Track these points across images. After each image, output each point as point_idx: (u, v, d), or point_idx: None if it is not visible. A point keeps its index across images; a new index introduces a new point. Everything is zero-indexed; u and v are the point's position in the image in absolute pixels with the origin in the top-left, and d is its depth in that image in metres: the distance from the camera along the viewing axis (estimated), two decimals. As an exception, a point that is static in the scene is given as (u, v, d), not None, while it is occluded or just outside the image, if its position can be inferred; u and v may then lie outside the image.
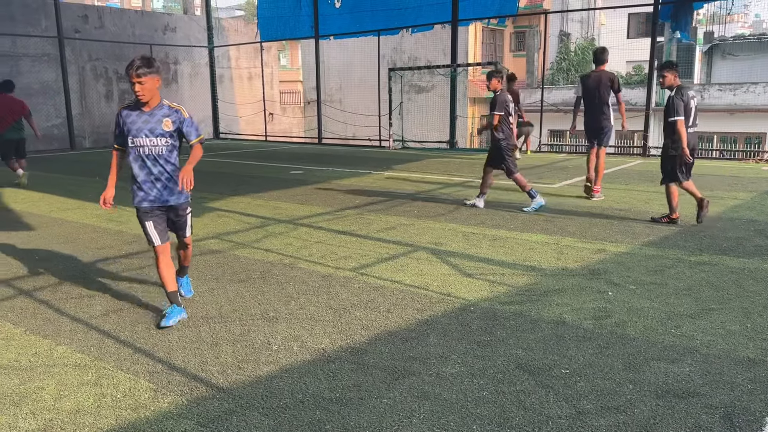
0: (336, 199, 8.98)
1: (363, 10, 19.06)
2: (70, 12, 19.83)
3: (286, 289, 4.81)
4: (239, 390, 3.16)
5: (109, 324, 4.11)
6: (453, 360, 3.47)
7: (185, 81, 23.59)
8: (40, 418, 2.89)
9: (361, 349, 3.65)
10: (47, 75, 19.01)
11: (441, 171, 12.29)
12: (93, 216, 7.94)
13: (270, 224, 7.30)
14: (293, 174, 12.31)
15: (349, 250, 6.00)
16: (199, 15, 25.12)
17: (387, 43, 21.00)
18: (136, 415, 2.91)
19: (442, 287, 4.80)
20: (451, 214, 7.76)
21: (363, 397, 3.05)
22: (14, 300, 4.63)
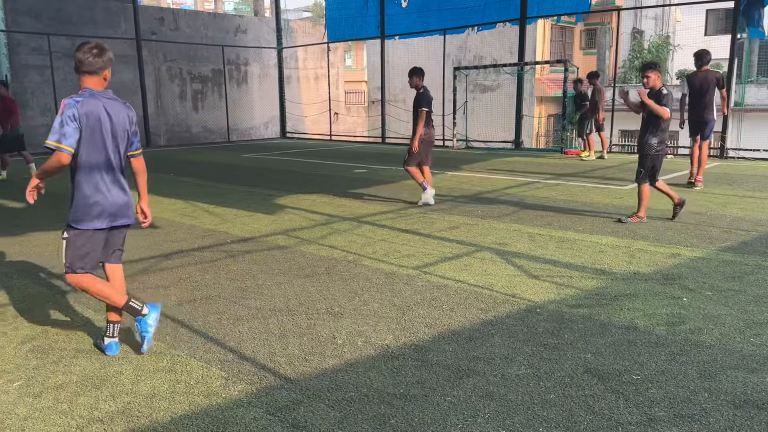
0: (399, 198, 9.01)
1: (429, 10, 19.02)
2: (147, 15, 20.75)
3: (350, 285, 4.87)
4: (306, 381, 3.22)
5: (183, 314, 4.28)
6: (518, 361, 3.43)
7: (255, 81, 24.23)
8: (119, 401, 3.05)
9: (425, 346, 3.65)
10: (125, 75, 19.93)
11: (506, 171, 12.14)
12: (168, 210, 8.28)
13: (334, 222, 7.41)
14: (357, 173, 12.44)
15: (413, 249, 6.01)
16: (269, 17, 25.73)
17: (452, 42, 20.90)
18: (208, 402, 3.02)
19: (507, 288, 4.74)
20: (516, 214, 7.65)
21: (427, 394, 3.06)
22: (96, 288, 4.89)
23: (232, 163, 15.04)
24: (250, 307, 4.41)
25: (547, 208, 8.06)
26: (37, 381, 3.27)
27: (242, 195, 9.63)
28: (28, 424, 2.84)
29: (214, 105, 22.88)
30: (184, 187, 10.58)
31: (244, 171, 13.24)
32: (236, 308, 4.38)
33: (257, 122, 24.52)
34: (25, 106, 18.11)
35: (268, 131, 24.78)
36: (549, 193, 9.25)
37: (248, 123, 24.19)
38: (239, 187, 10.61)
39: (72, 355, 3.60)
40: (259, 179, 11.62)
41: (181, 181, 11.47)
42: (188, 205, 8.67)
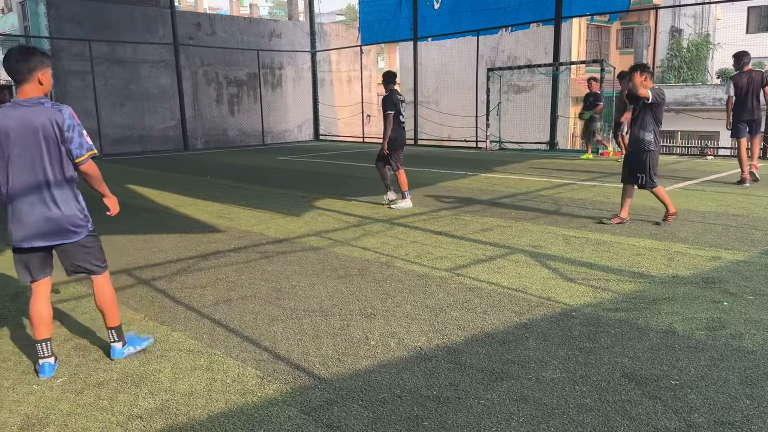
0: (432, 200, 9.00)
1: (462, 11, 18.96)
2: (184, 20, 21.17)
3: (383, 287, 4.89)
4: (339, 381, 3.25)
5: (219, 313, 4.35)
6: (553, 365, 3.39)
7: (289, 85, 24.49)
8: (157, 399, 3.12)
9: (458, 349, 3.64)
10: (164, 80, 20.38)
11: (540, 173, 12.00)
12: (205, 212, 8.43)
13: (367, 223, 7.44)
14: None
15: (445, 251, 5.99)
16: (303, 21, 25.98)
17: (485, 43, 20.76)
18: (244, 401, 3.07)
19: (541, 291, 4.69)
20: (551, 216, 7.56)
21: (460, 397, 3.05)
22: (135, 288, 5.01)
23: (267, 165, 15.23)
24: (285, 307, 4.46)
25: (583, 209, 7.94)
26: (79, 378, 3.37)
27: (277, 197, 9.74)
28: (70, 419, 2.93)
29: (250, 108, 23.20)
30: (221, 189, 10.75)
31: (279, 173, 13.40)
32: (271, 308, 4.44)
33: (291, 125, 24.76)
34: (67, 111, 18.64)
35: (301, 134, 25.01)
36: (585, 195, 9.12)
37: (282, 126, 24.46)
38: (274, 189, 10.73)
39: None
40: (293, 181, 11.74)
41: (217, 184, 11.66)
42: (224, 207, 8.81)
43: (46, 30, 18.21)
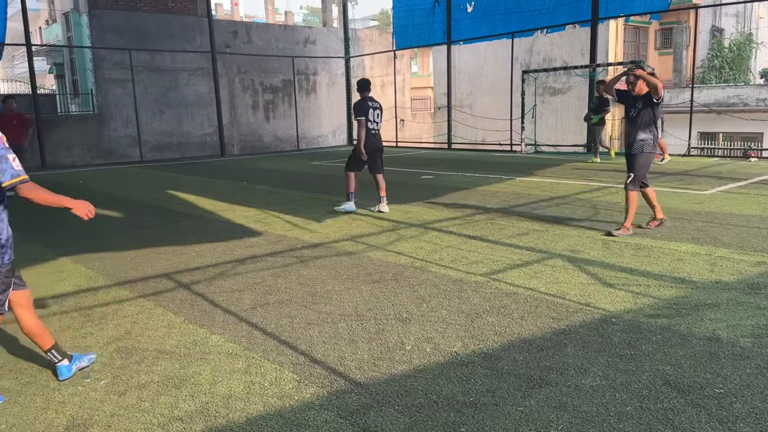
0: (466, 204, 8.95)
1: (496, 14, 18.86)
2: (221, 28, 21.56)
3: (417, 292, 4.88)
4: (376, 386, 3.25)
5: (257, 317, 4.41)
6: (593, 372, 3.33)
7: (323, 91, 24.70)
8: (197, 401, 3.17)
9: (495, 355, 3.61)
10: (201, 87, 20.77)
11: (577, 176, 11.83)
12: (242, 217, 8.55)
13: (401, 228, 7.44)
14: (423, 179, 12.45)
15: (480, 255, 5.95)
16: (337, 27, 26.18)
17: (520, 45, 20.59)
18: (282, 404, 3.10)
19: (580, 296, 4.62)
20: (589, 220, 7.45)
21: (498, 404, 3.02)
22: (175, 292, 5.11)
23: (301, 170, 15.38)
24: (320, 311, 4.49)
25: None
26: (122, 380, 3.45)
27: (311, 201, 9.82)
28: (114, 420, 3.00)
29: (284, 114, 23.46)
30: (257, 195, 10.89)
31: (313, 178, 13.51)
32: (307, 312, 4.47)
33: (325, 130, 24.95)
34: (108, 119, 19.20)
35: (335, 139, 25.18)
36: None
37: (316, 131, 24.66)
38: (308, 194, 10.82)
39: (154, 355, 3.77)
40: (328, 186, 11.81)
41: (253, 189, 11.82)
42: (261, 212, 8.92)
43: (89, 40, 18.75)
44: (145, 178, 14.62)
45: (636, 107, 6.54)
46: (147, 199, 10.86)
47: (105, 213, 9.31)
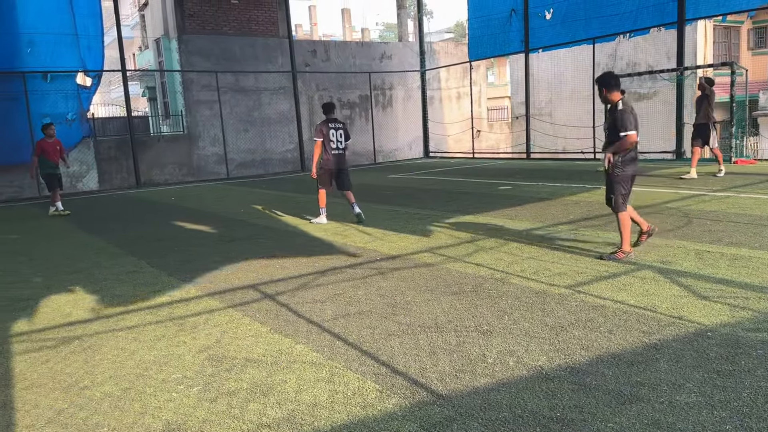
0: (547, 215, 8.74)
1: (576, 20, 18.43)
2: (301, 48, 22.24)
3: (498, 304, 4.80)
4: (458, 399, 3.22)
5: (339, 327, 4.48)
6: (688, 389, 3.16)
7: (399, 104, 24.92)
8: (284, 408, 3.25)
9: (582, 369, 3.50)
10: (283, 106, 21.47)
11: (666, 184, 11.31)
12: (322, 230, 8.74)
13: (480, 239, 7.36)
14: (502, 190, 12.28)
15: (564, 267, 5.79)
16: (412, 41, 26.39)
17: (602, 51, 20.01)
18: (365, 413, 3.13)
19: (672, 309, 4.40)
20: (680, 230, 7.09)
21: (586, 420, 2.92)
22: (261, 302, 5.28)
23: (378, 183, 15.54)
24: (400, 322, 4.51)
25: (716, 222, 7.38)
26: (213, 387, 3.59)
27: (389, 214, 9.90)
28: (206, 426, 3.12)
29: (361, 129, 23.83)
30: (336, 208, 11.09)
31: (390, 191, 13.62)
32: (387, 323, 4.50)
33: (401, 143, 25.13)
34: (197, 138, 20.17)
35: (411, 152, 25.30)
36: (717, 207, 8.47)
37: (393, 145, 24.88)
38: (386, 206, 10.92)
39: (242, 363, 3.91)
40: (404, 198, 11.88)
41: (332, 203, 12.04)
42: (340, 225, 9.08)
43: (178, 64, 19.83)
44: (231, 194, 15.23)
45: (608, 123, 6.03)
46: (233, 213, 11.30)
47: (196, 227, 9.76)
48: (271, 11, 21.28)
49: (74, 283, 6.40)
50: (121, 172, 18.95)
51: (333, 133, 9.31)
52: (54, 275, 6.82)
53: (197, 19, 19.93)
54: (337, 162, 9.42)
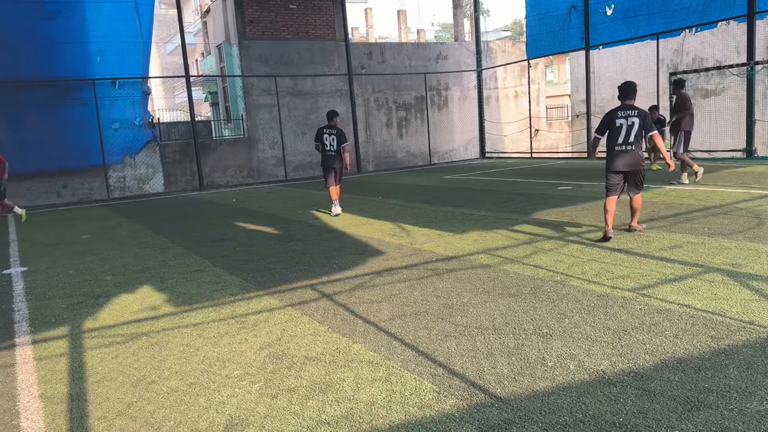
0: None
1: (638, 15, 17.88)
2: (357, 51, 22.44)
3: (558, 307, 4.72)
4: (517, 402, 3.19)
5: (395, 327, 4.50)
6: (759, 396, 3.02)
7: (454, 105, 24.80)
8: (342, 407, 3.30)
9: (646, 374, 3.39)
10: (339, 108, 21.72)
11: (736, 183, 10.82)
12: (378, 231, 8.80)
13: (538, 240, 7.24)
14: (561, 190, 12.03)
15: (627, 269, 5.63)
16: (468, 41, 26.21)
17: (666, 46, 19.32)
18: (422, 414, 3.14)
19: (742, 314, 4.21)
20: (752, 231, 6.78)
21: (650, 425, 2.84)
22: (319, 302, 5.37)
23: (434, 184, 15.50)
24: (457, 324, 4.49)
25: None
26: (274, 383, 3.68)
27: (445, 215, 9.87)
28: (267, 421, 3.20)
29: (417, 130, 23.85)
30: (392, 209, 11.15)
31: (446, 192, 13.56)
32: (443, 324, 4.49)
33: (457, 144, 25.00)
34: (257, 141, 20.66)
35: (467, 152, 25.12)
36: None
37: (448, 145, 24.77)
38: (441, 207, 10.89)
39: (302, 361, 3.98)
40: (460, 199, 11.81)
41: (388, 204, 12.11)
42: (395, 226, 9.12)
43: (239, 69, 20.36)
44: (290, 195, 15.53)
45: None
46: (292, 215, 11.52)
47: (257, 228, 10.01)
48: (328, 15, 21.58)
49: (142, 281, 6.67)
50: (185, 175, 19.62)
51: (326, 138, 10.85)
52: (123, 274, 7.13)
53: (257, 25, 20.41)
54: (328, 162, 10.97)
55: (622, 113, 6.99)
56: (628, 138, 6.92)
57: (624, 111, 7.00)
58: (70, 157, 17.61)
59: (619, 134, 6.96)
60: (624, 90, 7.14)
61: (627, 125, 6.92)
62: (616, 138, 6.98)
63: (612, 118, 7.03)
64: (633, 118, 6.92)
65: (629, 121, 6.91)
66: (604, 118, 7.13)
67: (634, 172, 7.05)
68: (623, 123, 6.94)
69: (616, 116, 7.01)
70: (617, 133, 6.97)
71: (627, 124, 6.92)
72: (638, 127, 6.91)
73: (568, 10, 20.15)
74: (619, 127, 6.95)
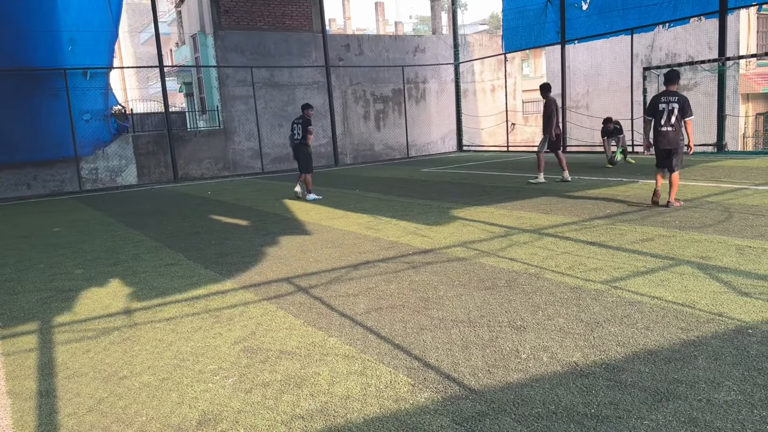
0: (583, 209, 8.61)
1: (613, 10, 18.08)
2: (335, 43, 22.31)
3: (532, 299, 4.76)
4: (490, 394, 3.21)
5: (371, 321, 4.50)
6: (727, 386, 3.09)
7: (432, 98, 24.82)
8: (317, 400, 3.29)
9: (617, 366, 3.44)
10: (316, 100, 21.59)
11: (707, 177, 11.02)
12: (355, 224, 8.79)
13: (514, 234, 7.30)
14: (536, 183, 12.12)
15: (600, 262, 5.70)
16: (446, 34, 26.23)
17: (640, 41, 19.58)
18: (397, 407, 3.14)
19: (711, 306, 4.29)
20: (721, 224, 6.91)
21: (621, 416, 2.88)
22: (294, 295, 5.34)
23: (412, 177, 15.52)
24: (433, 317, 4.51)
25: (758, 217, 7.17)
26: (248, 378, 3.65)
27: (422, 208, 9.89)
28: (241, 416, 3.18)
29: (395, 123, 23.83)
30: (369, 202, 11.13)
31: (423, 185, 13.59)
32: (419, 317, 4.51)
33: (434, 137, 25.05)
34: (232, 133, 20.46)
35: (445, 145, 25.20)
36: (761, 201, 8.22)
37: (426, 138, 24.81)
38: (419, 200, 10.91)
39: (276, 355, 3.96)
40: (438, 192, 11.84)
41: (366, 197, 12.09)
42: (373, 219, 9.11)
43: (214, 60, 20.11)
44: (267, 188, 15.41)
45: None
46: (269, 207, 11.44)
47: (231, 221, 9.92)
48: (304, 6, 21.40)
49: (114, 275, 6.57)
50: (159, 167, 19.35)
51: (294, 127, 12.03)
52: (94, 267, 7.02)
53: (232, 15, 20.16)
54: (294, 149, 12.23)
55: (664, 98, 8.17)
56: (669, 120, 8.11)
57: (666, 96, 8.17)
58: (41, 149, 17.25)
59: (661, 117, 8.17)
60: (668, 76, 8.32)
61: (668, 110, 8.11)
62: (659, 120, 8.19)
63: (656, 103, 8.24)
64: (673, 104, 8.10)
65: (670, 106, 8.10)
66: (651, 102, 8.36)
67: (673, 150, 8.17)
68: (665, 107, 8.14)
69: (659, 101, 8.20)
70: (660, 116, 8.18)
71: (668, 109, 8.11)
72: (678, 111, 8.08)
73: (544, 4, 20.27)
74: (662, 111, 8.15)
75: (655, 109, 8.23)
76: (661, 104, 8.15)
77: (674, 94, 8.12)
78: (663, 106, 8.13)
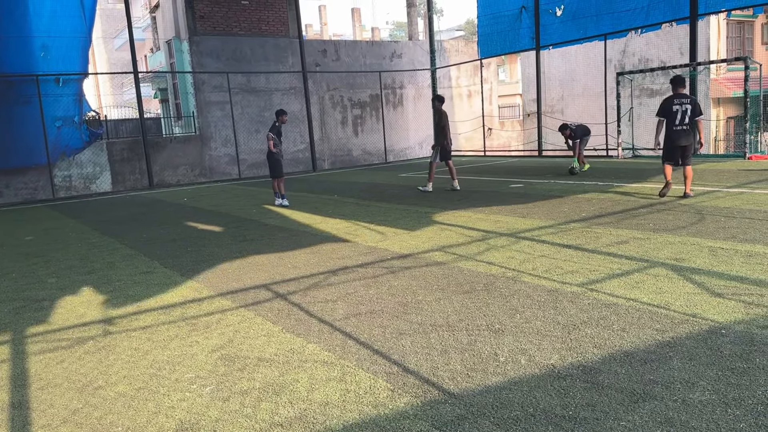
0: (560, 213, 8.70)
1: (586, 16, 18.34)
2: (311, 48, 22.29)
3: (510, 302, 4.79)
4: (469, 397, 3.22)
5: (350, 326, 4.49)
6: (701, 386, 3.14)
7: (409, 103, 24.91)
8: (296, 408, 3.27)
9: (594, 368, 3.48)
10: (294, 106, 21.52)
11: (679, 181, 11.21)
12: (334, 229, 8.76)
13: (491, 237, 7.34)
14: (513, 188, 12.23)
15: (576, 265, 5.76)
16: (423, 40, 26.36)
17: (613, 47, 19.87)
18: (377, 412, 3.14)
19: (685, 307, 4.36)
20: (694, 226, 7.03)
21: (599, 418, 2.91)
22: (273, 302, 5.31)
23: (390, 183, 15.54)
24: (412, 321, 4.51)
25: (730, 219, 7.31)
26: (226, 386, 3.61)
27: (400, 213, 9.90)
28: (219, 425, 3.14)
29: (372, 128, 23.86)
30: (347, 207, 11.12)
31: (401, 190, 13.62)
32: (398, 322, 4.51)
33: (412, 142, 25.13)
34: (209, 139, 20.29)
35: (422, 150, 25.28)
36: (732, 203, 8.39)
37: (404, 143, 24.88)
38: (397, 205, 10.92)
39: (254, 363, 3.93)
40: (416, 197, 11.87)
41: (344, 202, 12.08)
42: (351, 224, 9.10)
43: (189, 65, 19.94)
44: (244, 194, 15.31)
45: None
46: (246, 214, 11.36)
47: (208, 228, 9.83)
48: (281, 11, 21.35)
49: (88, 284, 6.46)
50: (134, 174, 19.11)
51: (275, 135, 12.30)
52: (68, 276, 6.90)
53: (208, 20, 20.03)
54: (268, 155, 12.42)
55: (677, 101, 9.00)
56: (684, 120, 8.95)
57: (679, 99, 9.02)
58: (13, 156, 16.93)
59: (676, 117, 8.97)
60: (677, 81, 9.19)
61: (682, 110, 8.93)
62: (674, 120, 8.99)
63: (669, 105, 9.03)
64: (686, 105, 8.97)
65: (683, 107, 8.94)
66: (663, 104, 9.14)
67: (689, 146, 9.05)
68: (679, 108, 8.96)
69: (672, 103, 9.01)
70: (674, 116, 8.97)
71: (682, 110, 8.93)
72: (691, 111, 8.94)
73: (518, 10, 20.49)
74: (676, 112, 8.96)
75: (668, 110, 8.98)
76: (675, 106, 8.94)
77: (686, 96, 9.02)
78: (677, 108, 8.93)
